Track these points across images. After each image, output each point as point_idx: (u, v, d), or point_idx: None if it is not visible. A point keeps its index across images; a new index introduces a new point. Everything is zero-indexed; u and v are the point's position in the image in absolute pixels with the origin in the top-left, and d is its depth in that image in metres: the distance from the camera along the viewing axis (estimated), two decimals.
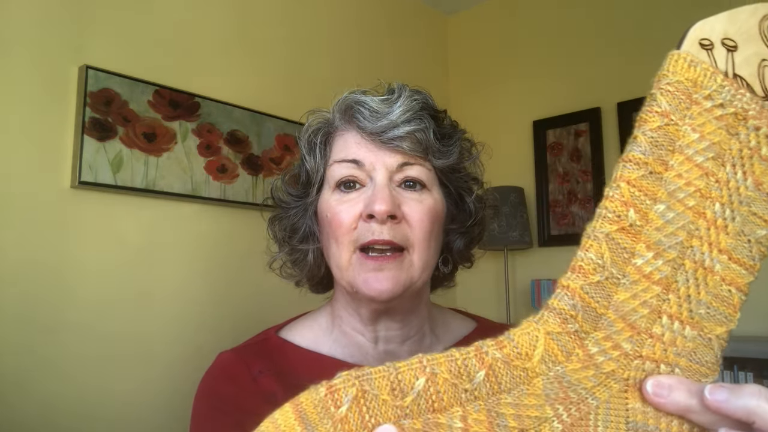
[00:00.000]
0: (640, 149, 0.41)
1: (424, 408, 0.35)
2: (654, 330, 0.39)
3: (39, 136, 1.45)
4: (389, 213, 0.64)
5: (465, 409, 0.35)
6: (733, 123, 0.41)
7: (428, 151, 0.69)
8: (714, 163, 0.41)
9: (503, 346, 0.37)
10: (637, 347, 0.39)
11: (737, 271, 0.40)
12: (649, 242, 0.40)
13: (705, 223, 0.40)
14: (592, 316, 0.39)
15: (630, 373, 0.39)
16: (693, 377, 0.39)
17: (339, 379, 0.34)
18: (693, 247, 0.40)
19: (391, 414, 0.34)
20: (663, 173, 0.41)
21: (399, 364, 0.36)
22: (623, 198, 0.40)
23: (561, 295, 0.39)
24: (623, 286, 0.39)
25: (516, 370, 0.37)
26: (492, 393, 0.36)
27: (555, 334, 0.38)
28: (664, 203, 0.40)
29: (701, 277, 0.40)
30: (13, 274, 1.38)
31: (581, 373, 0.38)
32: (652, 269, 0.39)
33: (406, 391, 0.35)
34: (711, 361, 0.39)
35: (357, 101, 0.69)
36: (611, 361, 0.38)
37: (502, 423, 0.35)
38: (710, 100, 0.41)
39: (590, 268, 0.39)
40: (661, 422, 0.38)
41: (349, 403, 0.34)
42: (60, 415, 1.40)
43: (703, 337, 0.39)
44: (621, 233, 0.40)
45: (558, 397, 0.37)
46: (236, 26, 1.90)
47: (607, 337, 0.39)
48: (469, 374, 0.36)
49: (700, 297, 0.40)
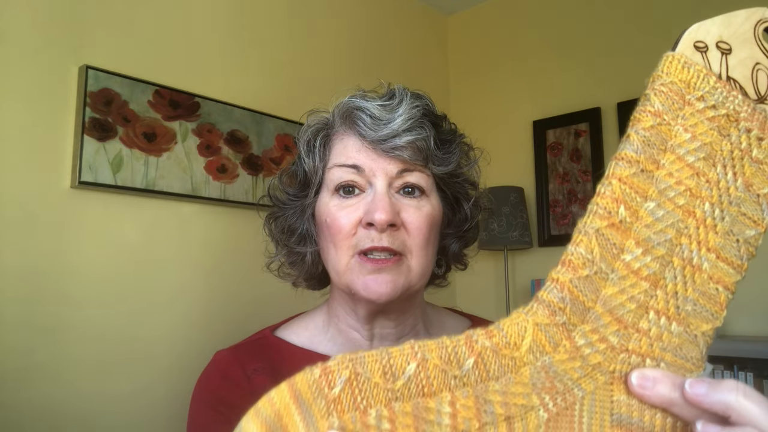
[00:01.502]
0: (632, 148, 0.41)
1: (414, 392, 0.36)
2: (641, 325, 0.40)
3: (39, 136, 1.45)
4: (389, 222, 0.65)
5: (454, 394, 0.36)
6: (725, 124, 0.42)
7: (428, 158, 0.69)
8: (705, 163, 0.42)
9: (493, 335, 0.38)
10: (624, 341, 0.40)
11: (725, 270, 0.41)
12: (639, 239, 0.40)
13: (694, 221, 0.41)
14: (580, 309, 0.39)
15: (616, 366, 0.39)
16: (678, 372, 0.39)
17: (333, 362, 0.35)
18: (682, 245, 0.41)
19: (383, 396, 0.35)
20: (654, 171, 0.41)
21: (391, 349, 0.37)
22: (614, 195, 0.41)
23: (550, 287, 0.40)
24: (611, 281, 0.40)
25: (504, 358, 0.38)
26: (480, 380, 0.37)
27: (543, 326, 0.39)
28: (655, 201, 0.41)
29: (689, 274, 0.40)
30: (13, 275, 1.38)
31: (568, 364, 0.39)
32: (640, 265, 0.40)
33: (398, 375, 0.36)
34: (696, 357, 0.40)
35: (358, 107, 0.69)
36: (597, 353, 0.39)
37: (489, 410, 0.36)
38: (703, 101, 0.42)
39: (580, 262, 0.40)
40: (645, 415, 0.38)
41: (342, 384, 0.35)
42: (59, 415, 1.40)
43: (689, 334, 0.40)
44: (611, 229, 0.40)
45: (545, 386, 0.38)
46: (236, 26, 1.90)
47: (594, 330, 0.39)
48: (459, 361, 0.37)
49: (688, 294, 0.40)
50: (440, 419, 0.35)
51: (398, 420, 0.35)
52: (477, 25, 2.76)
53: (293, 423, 0.33)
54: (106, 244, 1.54)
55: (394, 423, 0.34)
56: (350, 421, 0.34)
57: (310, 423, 0.33)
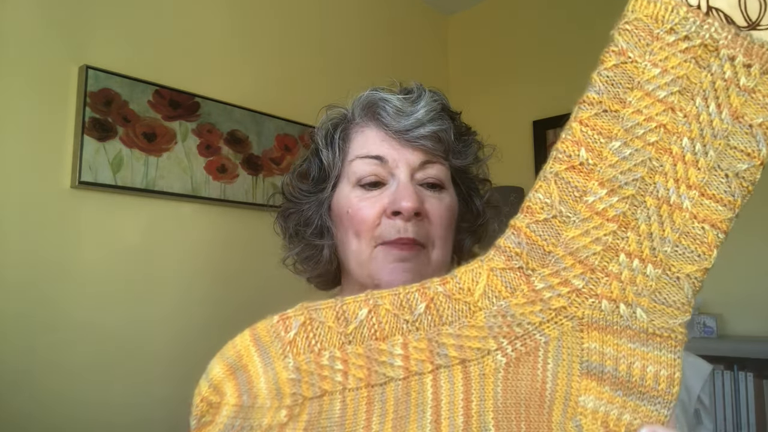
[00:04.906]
0: (594, 89, 0.40)
1: (366, 335, 0.37)
2: (610, 268, 0.38)
3: (39, 136, 1.45)
4: (416, 210, 0.65)
5: (406, 338, 0.37)
6: (702, 55, 0.39)
7: (448, 150, 0.70)
8: (680, 97, 0.39)
9: (446, 282, 0.38)
10: (592, 285, 0.38)
11: (712, 208, 0.38)
12: (603, 179, 0.39)
13: (670, 158, 0.39)
14: (539, 254, 0.38)
15: (585, 311, 0.38)
16: (660, 319, 0.38)
17: (291, 310, 0.38)
18: (656, 183, 0.38)
19: (336, 340, 0.37)
20: (620, 111, 0.39)
21: (347, 298, 0.38)
22: (574, 138, 0.39)
23: (508, 234, 0.39)
24: (573, 223, 0.38)
25: (458, 303, 0.38)
26: (433, 324, 0.37)
27: (498, 270, 0.38)
28: (620, 140, 0.39)
29: (665, 213, 0.38)
30: (13, 274, 1.38)
31: (526, 308, 0.38)
32: (605, 206, 0.38)
33: (350, 319, 0.37)
34: (680, 301, 0.38)
35: (381, 98, 0.70)
36: (560, 297, 0.38)
37: (442, 352, 0.37)
38: (673, 33, 0.39)
39: (537, 207, 0.39)
40: (620, 364, 0.37)
41: (297, 328, 0.37)
42: (59, 415, 1.40)
43: (669, 276, 0.38)
44: (571, 172, 0.39)
45: (502, 331, 0.37)
46: (237, 26, 1.91)
47: (555, 274, 0.38)
48: (411, 306, 0.37)
49: (665, 234, 0.38)
50: (392, 360, 0.36)
51: (351, 361, 0.36)
52: (477, 25, 2.76)
53: (252, 363, 0.36)
54: (105, 244, 1.54)
55: (347, 363, 0.36)
56: (305, 362, 0.36)
57: (268, 363, 0.36)
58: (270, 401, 0.35)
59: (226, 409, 0.35)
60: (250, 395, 0.35)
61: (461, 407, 0.36)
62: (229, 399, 0.35)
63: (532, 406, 0.37)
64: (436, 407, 0.36)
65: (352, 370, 0.36)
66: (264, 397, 0.35)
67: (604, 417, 0.36)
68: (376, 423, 0.35)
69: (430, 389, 0.36)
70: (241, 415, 0.35)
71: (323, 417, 0.35)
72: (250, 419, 0.35)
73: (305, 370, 0.36)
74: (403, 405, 0.36)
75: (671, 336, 0.37)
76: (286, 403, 0.35)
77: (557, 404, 0.37)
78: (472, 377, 0.36)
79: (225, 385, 0.36)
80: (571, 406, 0.37)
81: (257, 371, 0.36)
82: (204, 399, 0.36)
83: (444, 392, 0.36)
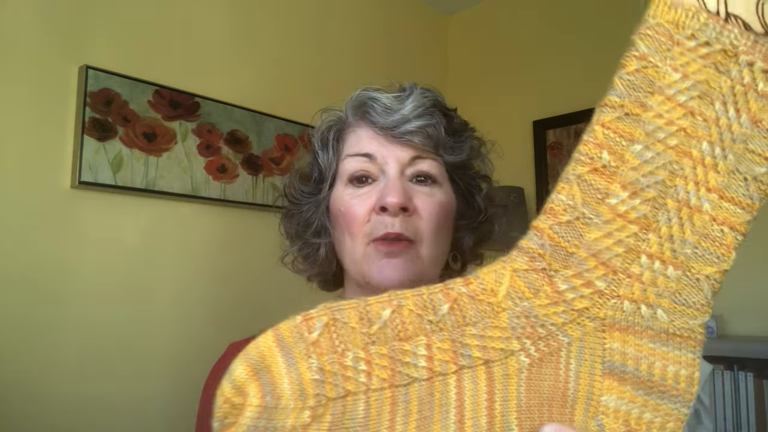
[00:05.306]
0: (615, 93, 0.40)
1: (390, 336, 0.37)
2: (632, 270, 0.38)
3: (39, 136, 1.45)
4: (401, 205, 0.65)
5: (430, 338, 0.37)
6: (722, 60, 0.40)
7: (439, 146, 0.70)
8: (700, 102, 0.39)
9: (470, 282, 0.38)
10: (614, 287, 0.38)
11: (730, 210, 0.39)
12: (625, 182, 0.39)
13: (690, 161, 0.39)
14: (562, 255, 0.39)
15: (607, 312, 0.38)
16: (680, 319, 0.38)
17: (314, 310, 0.38)
18: (676, 186, 0.39)
19: (359, 340, 0.36)
20: (641, 114, 0.40)
21: (370, 299, 0.38)
22: (597, 141, 0.40)
23: (530, 235, 0.39)
24: (595, 225, 0.39)
25: (481, 304, 0.38)
26: (457, 325, 0.37)
27: (522, 272, 0.38)
28: (642, 143, 0.39)
29: (686, 216, 0.39)
30: (13, 274, 1.38)
31: (549, 309, 0.38)
32: (627, 208, 0.39)
33: (374, 320, 0.37)
34: (700, 302, 0.38)
35: (369, 98, 0.71)
36: (583, 298, 0.38)
37: (466, 353, 0.36)
38: (694, 39, 0.40)
39: (560, 208, 0.39)
40: (641, 364, 0.37)
41: (321, 329, 0.37)
42: (59, 415, 1.40)
43: (689, 278, 0.38)
44: (593, 174, 0.39)
45: (525, 331, 0.37)
46: (236, 26, 1.90)
47: (578, 275, 0.38)
48: (435, 307, 0.37)
49: (685, 236, 0.39)
50: (416, 361, 0.36)
51: (374, 362, 0.36)
52: (477, 25, 2.76)
53: (276, 363, 0.36)
54: (105, 244, 1.54)
55: (370, 364, 0.36)
56: (328, 363, 0.36)
57: (291, 364, 0.36)
58: (293, 402, 0.35)
59: (249, 410, 0.35)
60: (274, 396, 0.35)
61: (485, 408, 0.36)
62: (253, 400, 0.35)
63: (555, 406, 0.37)
64: (460, 408, 0.36)
65: (375, 370, 0.36)
66: (287, 398, 0.35)
67: (625, 416, 0.37)
68: (400, 423, 0.35)
69: (454, 390, 0.36)
70: (264, 416, 0.35)
71: (347, 417, 0.35)
72: (274, 420, 0.35)
73: (329, 370, 0.36)
74: (427, 405, 0.36)
75: (691, 336, 0.38)
76: (309, 403, 0.35)
77: (579, 404, 0.37)
78: (496, 378, 0.37)
79: (248, 386, 0.35)
80: (593, 405, 0.37)
81: (280, 372, 0.36)
82: (227, 400, 0.36)
83: (467, 393, 0.36)
